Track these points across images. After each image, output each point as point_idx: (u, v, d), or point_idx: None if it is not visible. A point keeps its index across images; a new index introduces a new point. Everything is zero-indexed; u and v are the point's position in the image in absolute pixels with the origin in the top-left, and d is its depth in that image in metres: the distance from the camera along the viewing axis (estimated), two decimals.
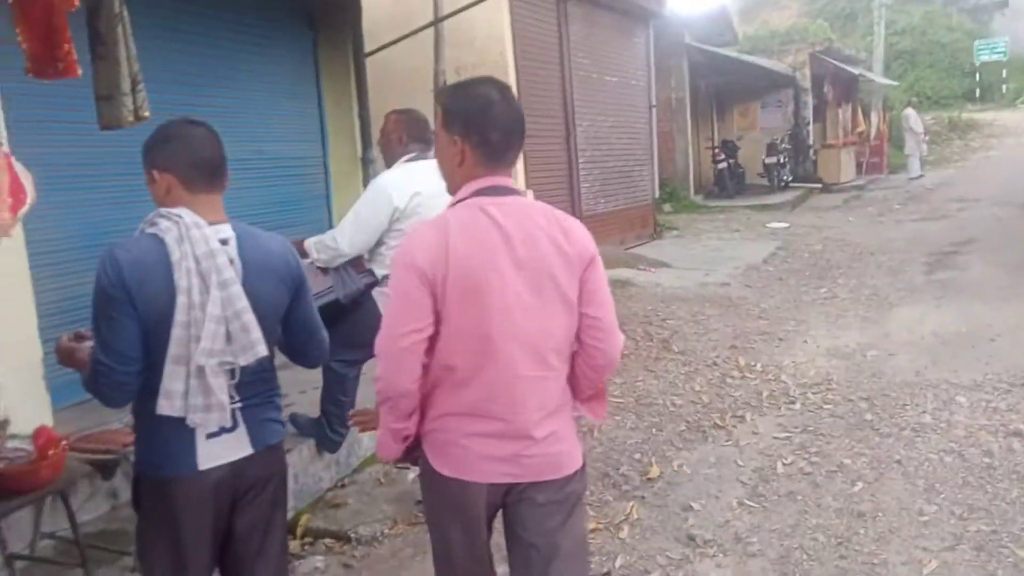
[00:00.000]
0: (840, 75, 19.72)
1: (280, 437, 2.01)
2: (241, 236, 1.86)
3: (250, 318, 1.79)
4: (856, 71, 19.63)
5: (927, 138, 20.06)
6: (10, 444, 2.61)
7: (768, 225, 12.09)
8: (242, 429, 1.88)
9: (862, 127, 20.62)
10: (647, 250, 10.02)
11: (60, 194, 4.10)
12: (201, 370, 1.75)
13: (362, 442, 4.12)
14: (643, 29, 11.52)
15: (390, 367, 1.74)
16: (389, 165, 3.53)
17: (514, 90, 1.92)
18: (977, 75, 29.48)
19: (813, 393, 4.78)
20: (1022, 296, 6.65)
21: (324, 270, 3.43)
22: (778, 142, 16.45)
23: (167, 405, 1.74)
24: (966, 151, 22.62)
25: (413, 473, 2.09)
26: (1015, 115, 26.47)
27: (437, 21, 7.32)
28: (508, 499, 1.84)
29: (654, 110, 11.90)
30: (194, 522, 1.83)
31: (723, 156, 15.87)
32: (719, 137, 17.45)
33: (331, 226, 6.72)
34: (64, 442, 2.60)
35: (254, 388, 1.91)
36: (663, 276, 8.21)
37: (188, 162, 1.83)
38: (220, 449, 1.85)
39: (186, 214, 1.79)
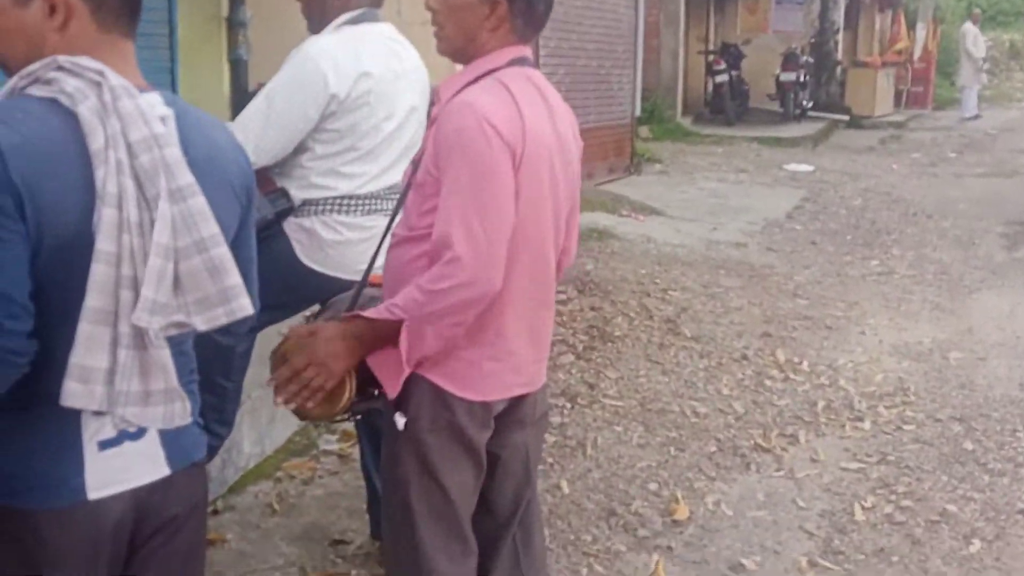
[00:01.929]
0: None
1: (204, 451, 1.78)
2: (181, 116, 1.56)
3: (223, 253, 1.49)
4: None
5: (987, 66, 20.78)
6: None
7: (787, 167, 12.29)
8: (152, 436, 1.61)
9: (904, 43, 21.15)
10: (625, 188, 9.99)
11: None
12: (139, 335, 1.44)
13: (241, 447, 3.84)
14: None
15: (490, 260, 1.95)
16: (316, 29, 3.20)
17: None
18: None
19: (886, 407, 4.78)
20: None
21: None
22: (798, 52, 16.62)
23: (81, 392, 1.42)
24: None
25: (402, 419, 2.13)
26: None
27: None
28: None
29: None
30: None
31: (723, 66, 15.93)
32: (717, 39, 17.52)
33: None
34: None
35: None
36: (655, 228, 8.18)
37: None
38: (121, 467, 1.56)
39: (108, 71, 1.45)
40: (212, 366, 3.44)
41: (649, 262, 6.99)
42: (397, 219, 2.23)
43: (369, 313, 2.07)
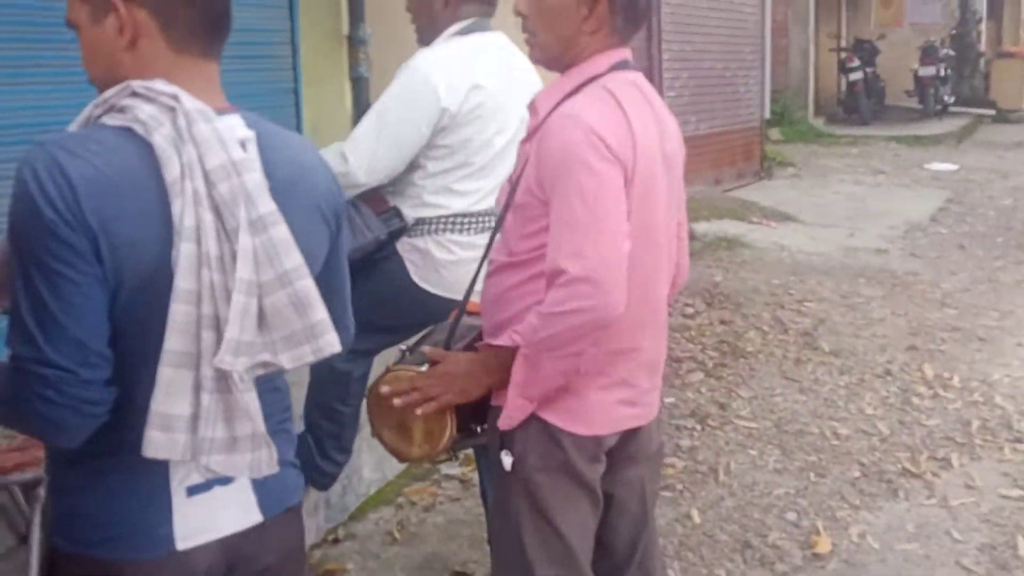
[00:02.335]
0: None
1: (301, 494, 1.68)
2: (264, 138, 1.47)
3: (308, 286, 1.40)
4: None
5: None
6: None
7: (928, 166, 11.80)
8: (243, 481, 1.52)
9: None
10: (755, 194, 9.74)
11: None
12: (224, 379, 1.36)
13: (361, 473, 3.78)
14: None
15: (610, 281, 1.79)
16: (427, 41, 3.12)
17: None
18: None
19: None
20: None
21: None
22: (938, 45, 15.95)
23: (163, 442, 1.34)
24: None
25: (509, 459, 2.00)
26: None
27: None
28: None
29: None
30: None
31: (857, 63, 15.42)
32: (849, 34, 16.96)
33: (300, 133, 6.37)
34: None
35: (264, 408, 1.55)
36: (788, 235, 7.91)
37: None
38: (209, 514, 1.48)
39: (183, 95, 1.38)
40: (328, 392, 3.40)
41: (782, 271, 6.74)
42: (495, 243, 2.10)
43: (496, 341, 1.96)
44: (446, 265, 2.94)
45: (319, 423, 3.32)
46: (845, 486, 3.89)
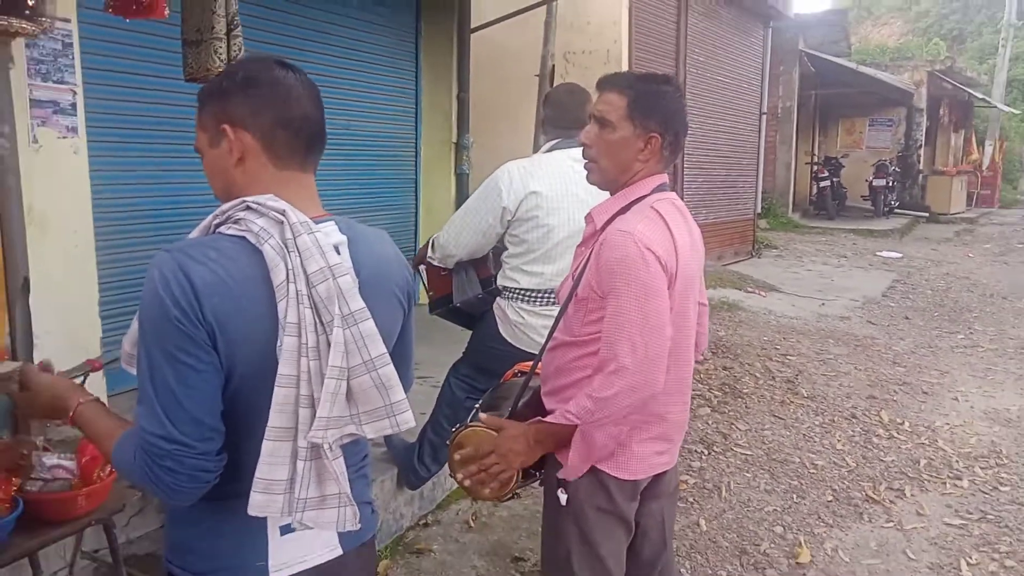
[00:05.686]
0: (957, 98, 18.52)
1: (375, 529, 1.47)
2: (353, 241, 1.30)
3: (390, 372, 1.23)
4: (978, 95, 18.37)
5: None
6: (49, 460, 2.10)
7: (879, 254, 11.23)
8: None
9: (975, 156, 19.34)
10: (747, 269, 9.33)
11: (134, 154, 3.65)
12: (316, 449, 1.19)
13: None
14: (761, 29, 10.76)
15: (652, 368, 1.65)
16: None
17: None
18: None
19: (982, 468, 4.04)
20: None
21: (448, 271, 2.94)
22: (887, 163, 15.43)
23: (265, 502, 1.17)
24: None
25: (564, 496, 1.82)
26: None
27: (549, 0, 6.75)
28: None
29: (764, 118, 11.13)
30: None
31: (826, 173, 15.01)
32: (821, 153, 16.53)
33: (418, 214, 6.27)
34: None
35: (346, 459, 1.36)
36: (774, 302, 7.51)
37: (280, 118, 1.24)
38: (297, 548, 1.29)
39: (289, 208, 1.21)
40: (443, 410, 3.15)
41: (770, 331, 6.38)
42: (558, 324, 1.89)
43: (549, 419, 1.76)
44: (517, 325, 2.79)
45: (428, 436, 3.13)
46: (821, 507, 3.58)
